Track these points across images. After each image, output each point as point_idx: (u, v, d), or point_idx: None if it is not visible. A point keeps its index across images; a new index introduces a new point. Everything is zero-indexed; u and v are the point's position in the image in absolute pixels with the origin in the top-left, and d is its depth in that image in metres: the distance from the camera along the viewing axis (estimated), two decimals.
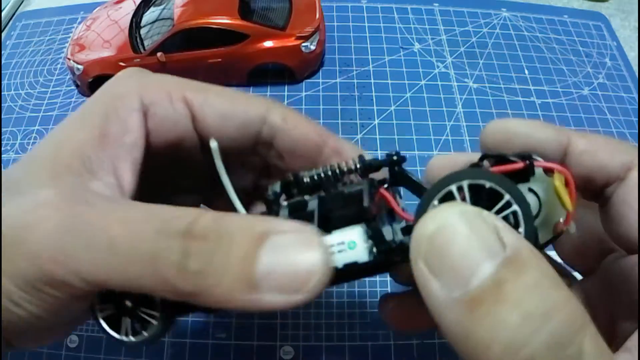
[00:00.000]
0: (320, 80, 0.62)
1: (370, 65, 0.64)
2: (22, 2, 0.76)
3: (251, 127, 0.26)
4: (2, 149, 0.57)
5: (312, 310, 0.45)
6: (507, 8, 0.72)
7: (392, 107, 0.60)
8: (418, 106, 0.60)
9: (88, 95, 0.62)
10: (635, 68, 0.67)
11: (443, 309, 0.16)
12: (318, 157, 0.27)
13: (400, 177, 0.25)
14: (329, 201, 0.23)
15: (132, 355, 0.43)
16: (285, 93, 0.61)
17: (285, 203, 0.24)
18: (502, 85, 0.63)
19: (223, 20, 0.57)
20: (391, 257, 0.21)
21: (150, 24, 0.60)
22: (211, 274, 0.18)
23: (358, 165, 0.24)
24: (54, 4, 0.75)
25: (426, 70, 0.64)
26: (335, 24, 0.68)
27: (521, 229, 0.19)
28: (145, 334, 0.23)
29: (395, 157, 0.24)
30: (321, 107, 0.60)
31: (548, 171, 0.21)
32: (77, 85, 0.62)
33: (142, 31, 0.60)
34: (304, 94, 0.61)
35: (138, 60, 0.58)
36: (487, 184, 0.20)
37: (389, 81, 0.63)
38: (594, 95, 0.63)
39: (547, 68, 0.65)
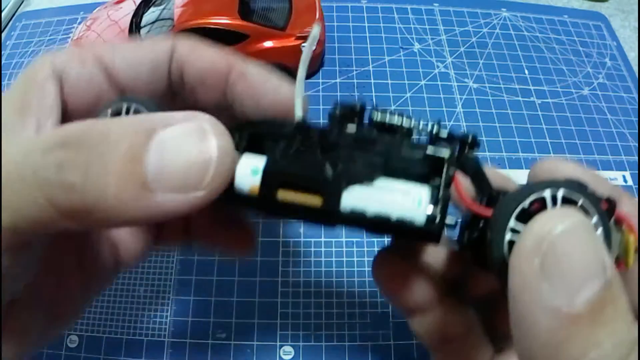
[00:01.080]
0: (320, 80, 0.62)
1: (370, 66, 0.64)
2: (22, 2, 0.76)
3: (161, 67, 0.26)
4: None
5: (312, 311, 0.45)
6: (507, 8, 0.72)
7: (392, 107, 0.60)
8: (418, 106, 0.60)
9: None
10: (635, 68, 0.67)
11: (541, 313, 0.16)
12: (225, 84, 0.27)
13: (467, 164, 0.23)
14: (400, 148, 0.22)
15: (132, 356, 0.43)
16: None
17: (353, 128, 0.22)
18: (502, 85, 0.63)
19: (223, 21, 0.57)
20: (440, 233, 0.20)
21: (150, 24, 0.60)
22: (92, 183, 0.16)
23: (434, 130, 0.22)
24: (54, 4, 0.75)
25: (426, 70, 0.64)
26: (335, 24, 0.68)
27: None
28: None
29: (470, 139, 0.22)
30: (321, 107, 0.60)
31: (618, 223, 0.21)
32: None
33: (142, 31, 0.60)
34: None
35: None
36: (581, 201, 0.19)
37: (389, 81, 0.63)
38: (594, 95, 0.63)
39: (547, 68, 0.65)
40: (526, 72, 0.65)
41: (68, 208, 0.17)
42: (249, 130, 0.22)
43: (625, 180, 0.56)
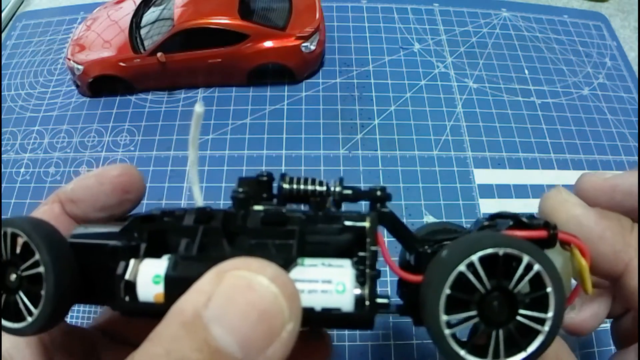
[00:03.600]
0: (320, 81, 0.62)
1: (370, 65, 0.64)
2: (22, 2, 0.76)
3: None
4: (2, 149, 0.58)
5: None
6: (507, 8, 0.72)
7: (392, 107, 0.60)
8: (418, 106, 0.60)
9: (88, 96, 0.62)
10: (635, 68, 0.66)
11: None
12: None
13: (383, 218, 0.21)
14: (315, 222, 0.20)
15: None
16: (285, 93, 0.61)
17: (259, 207, 0.20)
18: (502, 85, 0.63)
19: (223, 21, 0.57)
20: (373, 316, 0.18)
21: (150, 24, 0.60)
22: None
23: (337, 190, 0.21)
24: (54, 4, 0.75)
25: (426, 70, 0.64)
26: (335, 24, 0.68)
27: (550, 313, 0.18)
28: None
29: (379, 193, 0.21)
30: (321, 107, 0.60)
31: (565, 244, 0.20)
32: (77, 86, 0.62)
33: (142, 31, 0.60)
34: (303, 94, 0.61)
35: (138, 60, 0.58)
36: (506, 252, 0.18)
37: (389, 81, 0.63)
38: (594, 95, 0.63)
39: (547, 68, 0.65)
40: (526, 72, 0.65)
41: None
42: (147, 228, 0.20)
43: None
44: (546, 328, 0.18)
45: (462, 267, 0.18)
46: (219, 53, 0.58)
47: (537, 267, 0.18)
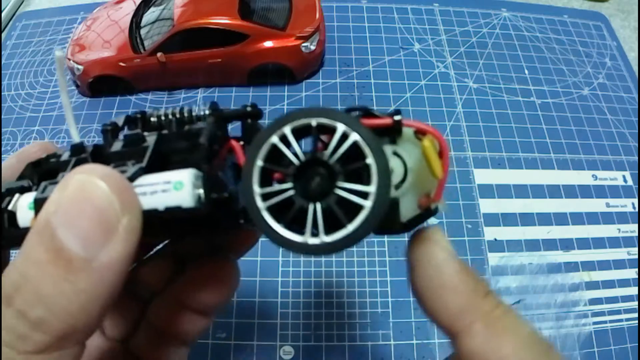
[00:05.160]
0: (320, 81, 0.62)
1: (370, 65, 0.64)
2: (22, 2, 0.76)
3: None
4: (2, 149, 0.58)
5: (312, 311, 0.45)
6: (507, 8, 0.72)
7: (392, 107, 0.60)
8: (418, 106, 0.60)
9: (88, 96, 0.62)
10: (635, 68, 0.67)
11: None
12: None
13: (253, 134, 0.21)
14: (169, 140, 0.21)
15: None
16: (285, 93, 0.61)
17: (121, 135, 0.22)
18: (502, 85, 0.63)
19: (223, 21, 0.57)
20: (221, 209, 0.19)
21: (150, 24, 0.60)
22: (52, 304, 0.16)
23: (207, 112, 0.22)
24: (54, 4, 0.75)
25: (426, 70, 0.64)
26: (335, 24, 0.68)
27: (373, 186, 0.17)
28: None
29: (249, 109, 0.22)
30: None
31: (420, 134, 0.20)
32: (77, 86, 0.62)
33: (142, 31, 0.60)
34: (304, 94, 0.61)
35: (138, 60, 0.58)
36: (319, 122, 0.17)
37: (389, 81, 0.63)
38: (594, 95, 0.63)
39: (547, 68, 0.65)
40: (526, 72, 0.65)
41: (58, 335, 0.17)
42: (37, 172, 0.23)
43: (625, 180, 0.56)
44: (369, 202, 0.17)
45: (274, 139, 0.18)
46: (219, 53, 0.58)
47: (354, 136, 0.17)
